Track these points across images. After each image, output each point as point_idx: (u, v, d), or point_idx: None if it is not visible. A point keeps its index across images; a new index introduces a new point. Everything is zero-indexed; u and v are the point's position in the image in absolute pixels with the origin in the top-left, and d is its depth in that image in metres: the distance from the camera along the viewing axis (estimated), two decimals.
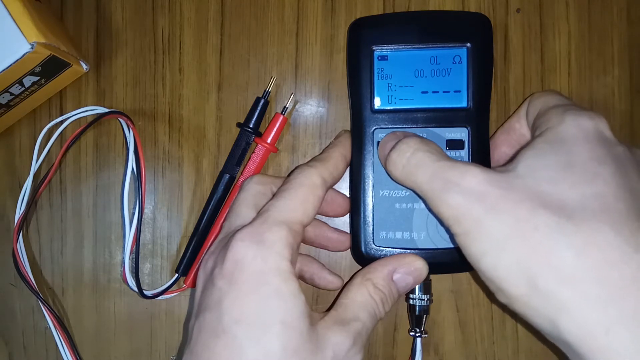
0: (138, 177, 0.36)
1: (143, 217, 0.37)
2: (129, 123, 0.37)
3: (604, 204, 0.24)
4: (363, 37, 0.34)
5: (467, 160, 0.32)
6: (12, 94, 0.35)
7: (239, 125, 0.37)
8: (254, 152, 0.37)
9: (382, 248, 0.33)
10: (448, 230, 0.27)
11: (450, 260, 0.32)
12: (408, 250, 0.32)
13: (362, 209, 0.33)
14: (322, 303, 0.38)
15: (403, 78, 0.33)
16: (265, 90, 0.37)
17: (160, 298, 0.37)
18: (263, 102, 0.37)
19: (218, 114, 0.39)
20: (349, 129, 0.36)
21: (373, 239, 0.33)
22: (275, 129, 0.36)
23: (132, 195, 0.38)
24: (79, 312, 0.39)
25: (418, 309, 0.33)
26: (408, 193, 0.33)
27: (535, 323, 0.24)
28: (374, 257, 0.33)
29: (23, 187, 0.37)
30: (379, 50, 0.33)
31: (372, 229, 0.33)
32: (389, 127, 0.33)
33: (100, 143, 0.39)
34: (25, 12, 0.32)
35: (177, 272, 0.37)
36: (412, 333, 0.34)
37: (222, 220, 0.36)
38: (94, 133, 0.39)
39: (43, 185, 0.38)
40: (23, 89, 0.35)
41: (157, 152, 0.39)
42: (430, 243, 0.32)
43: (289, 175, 0.31)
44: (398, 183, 0.30)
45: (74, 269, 0.39)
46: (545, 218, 0.23)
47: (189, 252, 0.37)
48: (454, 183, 0.26)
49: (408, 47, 0.33)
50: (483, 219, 0.25)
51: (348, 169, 0.34)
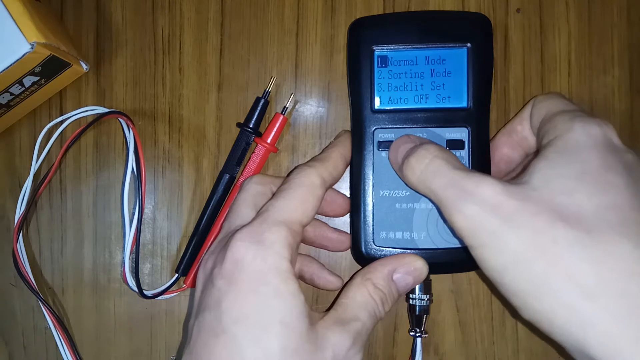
0: (138, 177, 0.36)
1: (143, 217, 0.37)
2: (129, 123, 0.37)
3: (620, 215, 0.23)
4: (363, 37, 0.34)
5: (467, 161, 0.32)
6: (12, 94, 0.35)
7: (239, 125, 0.37)
8: (254, 152, 0.37)
9: (382, 248, 0.33)
10: (462, 241, 0.27)
11: (451, 260, 0.32)
12: (408, 250, 0.32)
13: (362, 209, 0.33)
14: (322, 303, 0.38)
15: (403, 78, 0.33)
16: (265, 90, 0.37)
17: (160, 298, 0.37)
18: (263, 102, 0.37)
19: (218, 114, 0.39)
20: (349, 129, 0.35)
21: (373, 239, 0.33)
22: (275, 129, 0.36)
23: (132, 195, 0.38)
24: (79, 312, 0.39)
25: (418, 309, 0.33)
26: (408, 193, 0.33)
27: (560, 339, 0.24)
28: (374, 257, 0.32)
29: (23, 187, 0.37)
30: (379, 50, 0.33)
31: (372, 229, 0.33)
32: (389, 127, 0.33)
33: (100, 143, 0.39)
34: (25, 12, 0.32)
35: (177, 272, 0.37)
36: (412, 333, 0.34)
37: (222, 220, 0.36)
38: (94, 133, 0.39)
39: (43, 185, 0.38)
40: (23, 89, 0.35)
41: (157, 152, 0.39)
42: (431, 243, 0.32)
43: (289, 175, 0.31)
44: (412, 188, 0.30)
45: (74, 269, 0.39)
46: (564, 231, 0.23)
47: (189, 252, 0.37)
48: (470, 192, 0.26)
49: (408, 47, 0.33)
50: (500, 232, 0.24)
51: (348, 169, 0.34)
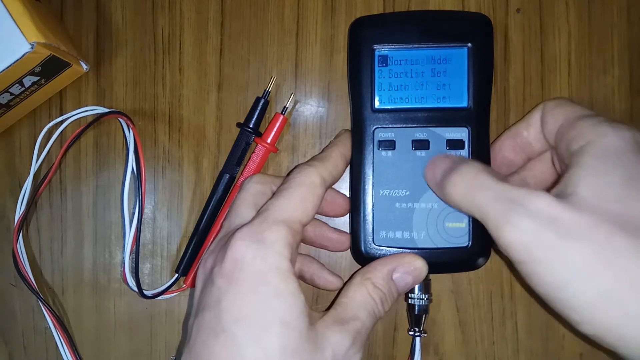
0: (138, 177, 0.36)
1: (143, 217, 0.37)
2: (129, 123, 0.37)
3: None
4: (364, 36, 0.34)
5: None
6: (12, 94, 0.35)
7: (239, 125, 0.37)
8: (254, 152, 0.37)
9: (381, 247, 0.33)
10: (511, 257, 0.25)
11: (450, 260, 0.32)
12: (408, 250, 0.32)
13: (362, 209, 0.33)
14: (322, 303, 0.38)
15: (403, 77, 0.33)
16: (265, 90, 0.37)
17: (160, 298, 0.37)
18: (263, 102, 0.37)
19: (218, 114, 0.39)
20: (349, 129, 0.35)
21: (373, 239, 0.33)
22: (275, 129, 0.37)
23: (132, 195, 0.38)
24: (79, 312, 0.39)
25: (417, 309, 0.33)
26: (408, 192, 0.33)
27: (629, 353, 0.23)
28: (374, 256, 0.33)
29: (23, 187, 0.37)
30: (380, 50, 0.33)
31: (372, 229, 0.33)
32: (390, 126, 0.33)
33: (100, 143, 0.39)
34: (25, 12, 0.32)
35: (177, 272, 0.37)
36: (411, 332, 0.34)
37: (222, 220, 0.36)
38: (94, 133, 0.39)
39: (43, 185, 0.38)
40: (23, 89, 0.35)
41: (157, 152, 0.39)
42: (430, 242, 0.32)
43: (289, 175, 0.31)
44: (453, 206, 0.29)
45: (74, 269, 0.39)
46: (626, 242, 0.23)
47: (189, 252, 0.37)
48: (520, 205, 0.25)
49: (408, 46, 0.33)
50: (558, 246, 0.23)
51: (348, 169, 0.34)
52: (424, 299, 0.33)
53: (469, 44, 0.33)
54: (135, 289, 0.36)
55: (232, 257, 0.27)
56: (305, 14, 0.38)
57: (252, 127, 0.36)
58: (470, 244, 0.32)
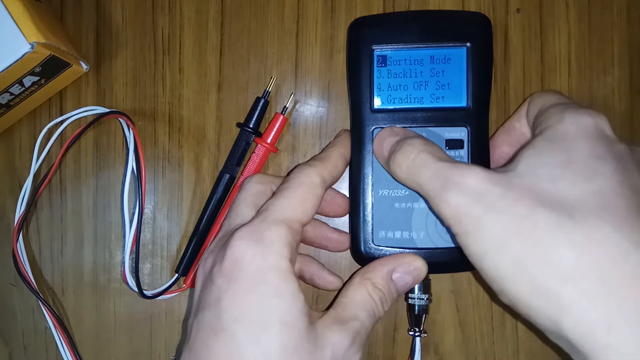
0: (138, 177, 0.36)
1: (143, 217, 0.37)
2: (129, 123, 0.37)
3: (604, 201, 0.23)
4: (363, 36, 0.34)
5: (466, 160, 0.32)
6: (12, 94, 0.35)
7: (239, 125, 0.37)
8: (254, 152, 0.37)
9: (381, 247, 0.33)
10: (449, 230, 0.27)
11: (450, 260, 0.32)
12: (407, 250, 0.32)
13: (361, 209, 0.33)
14: (322, 303, 0.38)
15: (403, 77, 0.33)
16: (265, 90, 0.37)
17: (160, 298, 0.37)
18: (263, 102, 0.37)
19: (218, 114, 0.39)
20: (349, 129, 0.35)
21: (372, 239, 0.33)
22: (275, 129, 0.37)
23: (132, 195, 0.38)
24: (79, 312, 0.39)
25: (417, 309, 0.33)
26: (407, 192, 0.33)
27: (538, 323, 0.24)
28: (374, 256, 0.32)
29: (23, 187, 0.37)
30: (379, 50, 0.33)
31: (371, 229, 0.33)
32: (389, 126, 0.33)
33: (100, 143, 0.39)
34: (25, 12, 0.32)
35: (177, 272, 0.37)
36: (411, 332, 0.34)
37: (221, 220, 0.36)
38: (94, 133, 0.39)
39: (43, 185, 0.38)
40: (23, 89, 0.35)
41: (157, 152, 0.39)
42: (430, 242, 0.32)
43: (289, 174, 0.31)
44: (400, 183, 0.30)
45: (74, 269, 0.39)
46: (545, 216, 0.23)
47: (189, 252, 0.37)
48: (454, 182, 0.26)
49: (408, 46, 0.33)
50: (483, 218, 0.25)
51: (347, 169, 0.34)
52: (424, 299, 0.33)
53: (468, 44, 0.33)
54: (135, 289, 0.36)
55: (231, 256, 0.27)
56: (305, 14, 0.38)
57: (252, 127, 0.36)
58: None
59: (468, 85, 0.33)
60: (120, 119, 0.38)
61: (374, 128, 0.33)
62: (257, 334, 0.26)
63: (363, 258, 0.33)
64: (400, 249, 0.32)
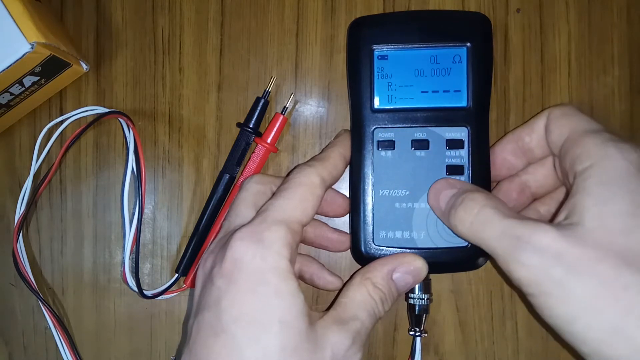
0: (138, 177, 0.36)
1: (143, 217, 0.37)
2: (129, 123, 0.37)
3: None
4: (363, 36, 0.34)
5: (466, 160, 0.32)
6: (12, 94, 0.35)
7: (239, 125, 0.37)
8: (254, 152, 0.37)
9: (381, 247, 0.33)
10: (522, 290, 0.26)
11: (450, 260, 0.32)
12: (408, 250, 0.32)
13: (361, 209, 0.33)
14: (322, 303, 0.38)
15: (403, 77, 0.33)
16: (265, 90, 0.37)
17: (160, 298, 0.37)
18: (263, 102, 0.37)
19: (218, 114, 0.39)
20: (349, 129, 0.35)
21: (373, 239, 0.33)
22: (275, 129, 0.37)
23: (132, 195, 0.38)
24: (79, 312, 0.39)
25: (417, 309, 0.33)
26: (408, 192, 0.33)
27: None
28: (374, 256, 0.32)
29: (23, 187, 0.37)
30: (379, 50, 0.33)
31: (371, 229, 0.33)
32: (389, 126, 0.33)
33: (100, 143, 0.39)
34: (25, 12, 0.32)
35: (177, 272, 0.37)
36: (411, 332, 0.34)
37: (221, 220, 0.36)
38: (94, 133, 0.39)
39: (43, 185, 0.38)
40: (23, 89, 0.35)
41: (157, 152, 0.39)
42: (430, 242, 0.32)
43: (288, 175, 0.31)
44: (462, 238, 0.30)
45: (74, 269, 0.39)
46: (633, 277, 0.23)
47: (189, 252, 0.37)
48: (526, 241, 0.25)
49: (408, 46, 0.33)
50: (566, 281, 0.24)
51: (347, 169, 0.34)
52: (424, 299, 0.33)
53: (468, 44, 0.33)
54: (135, 289, 0.36)
55: (231, 257, 0.27)
56: (305, 14, 0.38)
57: (252, 127, 0.36)
58: (470, 244, 0.32)
59: (468, 85, 0.33)
60: (120, 119, 0.38)
61: (375, 128, 0.33)
62: (257, 334, 0.26)
63: (363, 258, 0.33)
64: (401, 249, 0.32)
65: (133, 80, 0.39)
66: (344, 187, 0.36)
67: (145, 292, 0.36)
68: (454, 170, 0.32)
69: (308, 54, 0.38)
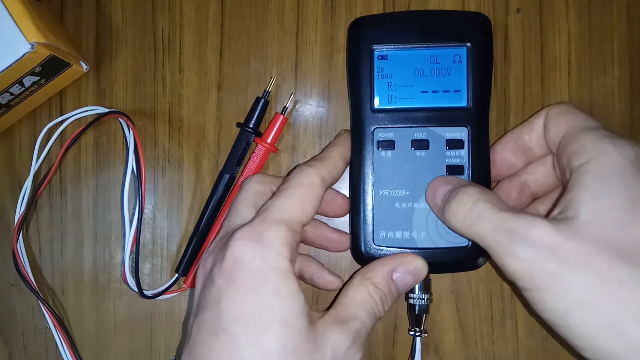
0: (138, 177, 0.36)
1: (143, 217, 0.37)
2: (129, 123, 0.37)
3: None
4: (363, 36, 0.34)
5: (467, 160, 0.32)
6: (12, 94, 0.35)
7: (239, 125, 0.37)
8: (254, 152, 0.37)
9: (381, 247, 0.33)
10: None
11: (450, 260, 0.32)
12: (408, 250, 0.32)
13: (361, 209, 0.33)
14: (322, 303, 0.38)
15: (403, 77, 0.33)
16: (265, 90, 0.37)
17: (160, 298, 0.37)
18: (263, 102, 0.37)
19: (218, 114, 0.39)
20: (349, 129, 0.35)
21: (373, 239, 0.33)
22: (275, 129, 0.36)
23: (132, 195, 0.38)
24: (79, 312, 0.39)
25: (418, 309, 0.33)
26: (408, 192, 0.33)
27: None
28: (374, 256, 0.32)
29: (23, 187, 0.37)
30: (379, 50, 0.33)
31: (372, 229, 0.33)
32: (389, 126, 0.33)
33: (100, 143, 0.39)
34: (25, 12, 0.32)
35: (177, 272, 0.37)
36: (411, 332, 0.34)
37: (222, 220, 0.36)
38: (94, 133, 0.39)
39: (43, 185, 0.38)
40: (23, 89, 0.35)
41: (157, 152, 0.39)
42: (430, 242, 0.32)
43: (289, 175, 0.31)
44: (456, 233, 0.30)
45: (74, 269, 0.39)
46: (627, 271, 0.23)
47: (189, 252, 0.37)
48: (521, 235, 0.25)
49: (408, 46, 0.33)
50: (560, 275, 0.24)
51: (348, 169, 0.34)
52: (424, 299, 0.33)
53: (468, 44, 0.33)
54: (135, 289, 0.36)
55: (231, 256, 0.27)
56: (305, 14, 0.38)
57: (252, 127, 0.36)
58: (470, 244, 0.32)
59: (468, 85, 0.33)
60: (120, 119, 0.38)
61: (375, 128, 0.33)
62: (257, 334, 0.26)
63: (363, 258, 0.33)
64: (401, 249, 0.32)
65: (133, 80, 0.39)
66: (344, 187, 0.36)
67: (145, 292, 0.36)
68: (454, 170, 0.32)
69: (308, 54, 0.38)
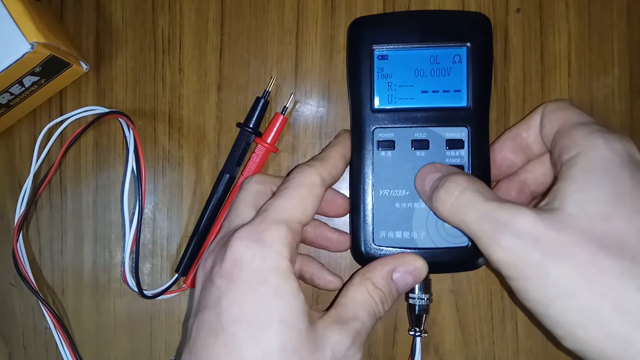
0: (138, 177, 0.36)
1: (143, 217, 0.37)
2: (129, 123, 0.37)
3: None
4: (363, 36, 0.34)
5: (467, 160, 0.32)
6: (12, 94, 0.35)
7: (239, 125, 0.37)
8: (254, 152, 0.37)
9: (381, 247, 0.33)
10: (501, 273, 0.26)
11: (450, 260, 0.32)
12: (408, 250, 0.32)
13: (361, 209, 0.33)
14: (322, 303, 0.38)
15: (403, 77, 0.33)
16: (265, 90, 0.37)
17: (160, 298, 0.37)
18: (263, 102, 0.37)
19: (218, 114, 0.39)
20: (349, 129, 0.35)
21: (373, 239, 0.33)
22: (275, 129, 0.37)
23: (132, 195, 0.38)
24: (79, 312, 0.39)
25: (418, 309, 0.33)
26: (408, 192, 0.33)
27: None
28: (374, 256, 0.32)
29: (23, 187, 0.37)
30: (379, 50, 0.33)
31: (372, 229, 0.33)
32: (389, 126, 0.33)
33: (100, 143, 0.39)
34: (25, 12, 0.32)
35: (177, 272, 0.37)
36: (411, 332, 0.34)
37: (222, 220, 0.36)
38: (94, 133, 0.39)
39: (43, 185, 0.38)
40: (23, 89, 0.35)
41: (157, 152, 0.39)
42: (430, 242, 0.32)
43: (289, 175, 0.31)
44: (443, 221, 0.30)
45: (74, 269, 0.39)
46: (608, 262, 0.23)
47: (189, 252, 0.37)
48: (506, 224, 0.25)
49: (408, 46, 0.33)
50: (543, 264, 0.24)
51: (348, 169, 0.34)
52: (424, 299, 0.33)
53: (468, 44, 0.33)
54: (135, 289, 0.36)
55: (231, 256, 0.27)
56: (305, 14, 0.38)
57: (252, 127, 0.36)
58: (470, 244, 0.32)
59: (468, 85, 0.33)
60: (120, 119, 0.38)
61: (375, 128, 0.33)
62: (257, 334, 0.26)
63: (363, 258, 0.33)
64: (401, 249, 0.32)
65: (133, 80, 0.39)
66: (344, 187, 0.36)
67: (145, 292, 0.36)
68: None
69: (308, 54, 0.38)
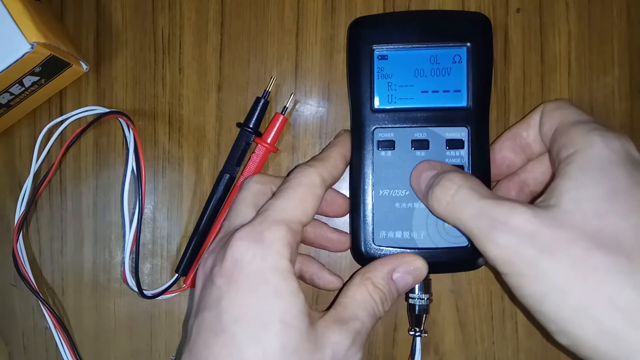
0: (138, 177, 0.36)
1: (143, 217, 0.37)
2: (129, 123, 0.37)
3: None
4: (363, 36, 0.34)
5: (467, 161, 0.32)
6: (12, 94, 0.35)
7: (239, 125, 0.37)
8: (254, 152, 0.37)
9: (382, 247, 0.33)
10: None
11: (450, 260, 0.32)
12: (408, 250, 0.32)
13: (361, 209, 0.33)
14: (322, 303, 0.38)
15: (403, 77, 0.33)
16: (265, 90, 0.37)
17: (160, 298, 0.37)
18: (263, 102, 0.37)
19: (218, 114, 0.39)
20: (349, 129, 0.35)
21: (373, 239, 0.33)
22: (275, 129, 0.37)
23: (132, 195, 0.38)
24: (79, 312, 0.39)
25: (418, 309, 0.33)
26: (408, 192, 0.33)
27: None
28: (374, 256, 0.32)
29: (23, 187, 0.37)
30: (379, 50, 0.33)
31: (372, 229, 0.33)
32: (389, 126, 0.33)
33: (100, 143, 0.39)
34: (25, 12, 0.32)
35: (177, 272, 0.37)
36: (411, 332, 0.34)
37: (222, 220, 0.36)
38: (94, 133, 0.39)
39: (43, 185, 0.38)
40: (23, 89, 0.35)
41: (157, 152, 0.39)
42: (430, 242, 0.32)
43: (289, 175, 0.31)
44: (439, 218, 0.30)
45: (74, 269, 0.39)
46: (603, 258, 0.23)
47: (189, 252, 0.37)
48: (501, 222, 0.25)
49: (408, 46, 0.33)
50: (538, 261, 0.24)
51: (348, 169, 0.34)
52: (424, 299, 0.33)
53: (468, 44, 0.33)
54: (135, 289, 0.36)
55: (231, 256, 0.27)
56: (305, 14, 0.38)
57: (252, 127, 0.36)
58: (470, 244, 0.32)
59: (468, 85, 0.33)
60: (120, 119, 0.38)
61: (375, 128, 0.33)
62: (257, 334, 0.26)
63: (363, 258, 0.33)
64: (401, 249, 0.32)
65: (133, 80, 0.39)
66: (344, 187, 0.36)
67: (145, 292, 0.36)
68: None
69: (308, 54, 0.38)
